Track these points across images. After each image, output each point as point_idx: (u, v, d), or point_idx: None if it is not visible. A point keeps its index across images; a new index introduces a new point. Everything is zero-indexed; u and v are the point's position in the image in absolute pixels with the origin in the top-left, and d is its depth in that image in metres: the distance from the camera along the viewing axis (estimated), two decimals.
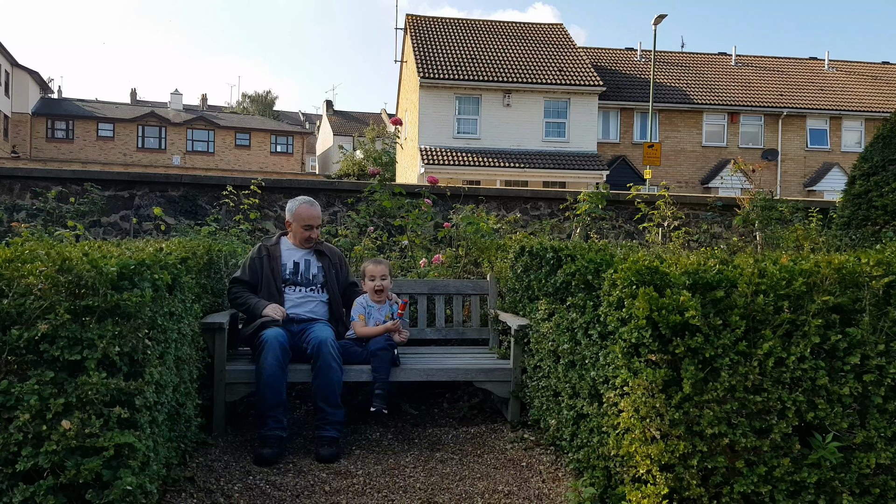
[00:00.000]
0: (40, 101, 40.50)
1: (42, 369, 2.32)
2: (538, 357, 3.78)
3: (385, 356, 3.95)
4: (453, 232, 6.25)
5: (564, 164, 23.93)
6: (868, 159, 5.99)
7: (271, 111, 59.74)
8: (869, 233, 5.57)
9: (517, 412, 4.13)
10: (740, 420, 2.42)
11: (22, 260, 2.42)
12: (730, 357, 2.42)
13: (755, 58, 31.20)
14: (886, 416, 2.49)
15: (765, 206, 7.12)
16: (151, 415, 2.62)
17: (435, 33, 26.60)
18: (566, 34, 27.90)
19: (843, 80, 30.12)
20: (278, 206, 8.40)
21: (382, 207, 6.47)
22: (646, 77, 27.14)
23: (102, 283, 2.40)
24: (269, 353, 3.73)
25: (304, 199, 4.32)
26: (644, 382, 2.46)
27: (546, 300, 3.67)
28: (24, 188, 8.19)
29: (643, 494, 2.47)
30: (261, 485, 3.24)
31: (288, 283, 4.19)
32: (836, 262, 2.55)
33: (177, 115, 43.46)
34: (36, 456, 2.27)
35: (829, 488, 2.45)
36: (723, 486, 2.42)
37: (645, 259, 2.64)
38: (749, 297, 2.46)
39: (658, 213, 7.22)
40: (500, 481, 3.33)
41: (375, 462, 3.61)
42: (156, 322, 2.68)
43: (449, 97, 24.18)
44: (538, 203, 9.19)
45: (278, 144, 44.15)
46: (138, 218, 8.24)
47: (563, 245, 3.68)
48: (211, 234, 6.11)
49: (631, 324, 2.54)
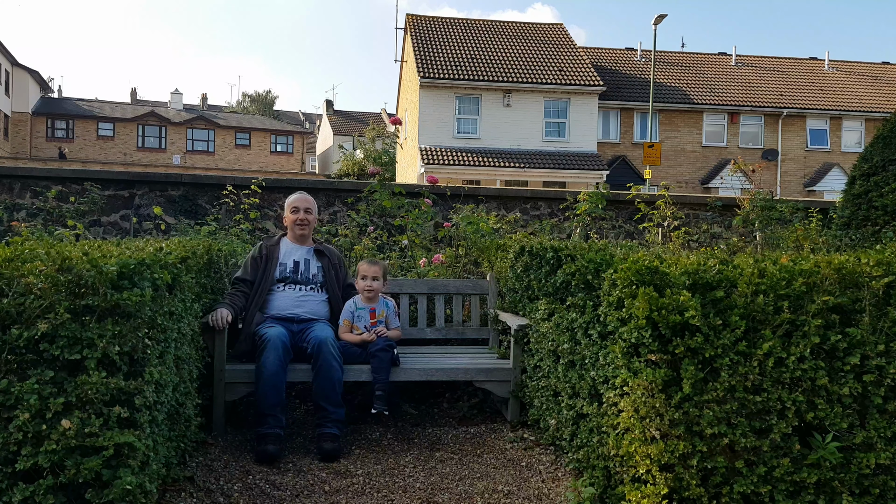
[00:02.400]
0: (40, 100, 40.51)
1: (42, 369, 2.32)
2: (538, 357, 3.78)
3: (385, 357, 3.95)
4: (453, 232, 6.25)
5: (564, 164, 23.94)
6: (868, 159, 5.99)
7: (271, 111, 59.72)
8: (869, 233, 5.57)
9: (517, 412, 4.13)
10: (740, 420, 2.42)
11: (22, 259, 2.41)
12: (730, 357, 2.42)
13: (755, 58, 31.20)
14: (886, 417, 2.49)
15: (765, 207, 7.12)
16: (151, 414, 2.62)
17: (435, 33, 26.60)
18: (566, 34, 27.90)
19: (844, 80, 30.12)
20: (278, 205, 8.40)
21: (382, 207, 6.47)
22: (646, 77, 27.14)
23: (102, 282, 2.40)
24: (270, 353, 3.73)
25: (297, 192, 4.44)
26: (644, 382, 2.46)
27: (546, 300, 3.67)
28: (24, 187, 8.18)
29: (643, 494, 2.47)
30: (260, 484, 3.24)
31: (288, 281, 4.19)
32: (836, 262, 2.55)
33: (177, 114, 43.47)
34: (35, 455, 2.27)
35: (829, 488, 2.45)
36: (722, 486, 2.42)
37: (645, 259, 2.64)
38: (749, 297, 2.46)
39: (658, 213, 7.22)
40: (499, 481, 3.33)
41: (375, 462, 3.61)
42: (156, 321, 2.68)
43: (449, 97, 24.18)
44: (538, 203, 9.18)
45: (278, 144, 44.17)
46: (138, 217, 8.24)
47: (563, 245, 3.68)
48: (211, 234, 6.10)
49: (631, 324, 2.54)
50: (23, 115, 38.18)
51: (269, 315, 4.10)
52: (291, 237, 4.35)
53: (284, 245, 4.32)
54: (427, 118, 24.10)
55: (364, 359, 3.98)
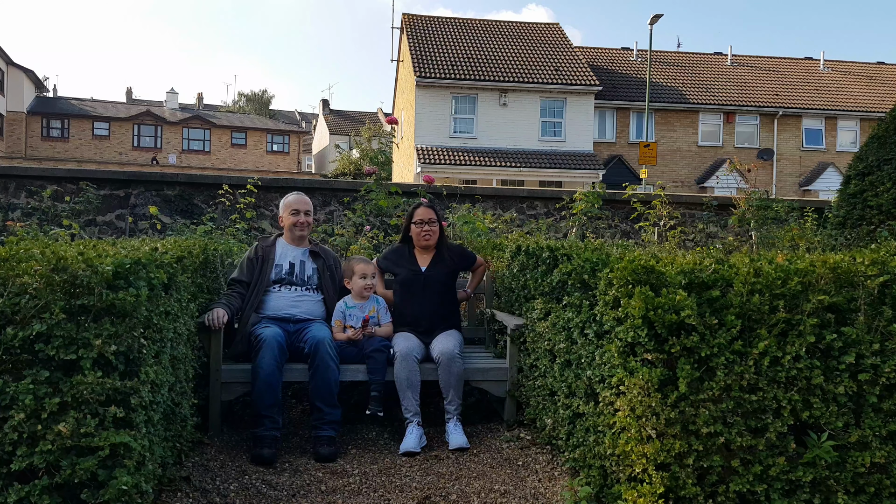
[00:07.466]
0: (35, 99, 40.36)
1: (37, 369, 2.31)
2: (534, 356, 3.78)
3: (380, 357, 3.95)
4: (449, 231, 6.24)
5: (561, 163, 23.95)
6: (863, 159, 6.01)
7: (267, 110, 59.62)
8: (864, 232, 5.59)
9: (513, 411, 4.13)
10: (736, 419, 2.43)
11: (17, 259, 2.41)
12: (725, 356, 2.43)
13: (751, 58, 31.27)
14: (881, 415, 2.50)
15: (760, 206, 7.14)
16: (147, 414, 2.61)
17: (432, 33, 26.59)
18: (562, 34, 27.92)
19: (839, 80, 30.20)
20: (274, 205, 8.38)
21: (379, 207, 6.47)
22: (642, 77, 27.17)
23: (98, 282, 2.39)
24: (266, 353, 3.73)
25: (294, 192, 4.42)
26: (640, 382, 2.47)
27: (542, 299, 3.68)
28: (19, 187, 8.16)
29: (639, 493, 2.47)
30: (257, 484, 3.24)
31: (284, 282, 4.19)
32: (832, 261, 2.56)
33: (172, 113, 43.37)
34: (31, 456, 2.26)
35: (825, 487, 2.46)
36: (718, 485, 2.43)
37: (641, 258, 2.64)
38: (745, 296, 2.47)
39: (654, 212, 7.23)
40: (496, 480, 3.33)
41: (371, 461, 3.61)
42: (151, 321, 2.68)
43: (445, 96, 24.17)
44: (534, 202, 9.19)
45: (274, 143, 44.10)
46: (134, 217, 8.22)
47: (560, 244, 3.68)
48: (207, 234, 6.09)
49: (627, 323, 2.55)
50: (18, 114, 38.04)
51: (265, 315, 4.09)
52: (288, 238, 4.34)
53: (280, 246, 4.31)
54: (423, 118, 24.09)
55: (360, 359, 3.98)
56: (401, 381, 3.89)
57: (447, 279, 4.40)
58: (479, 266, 4.67)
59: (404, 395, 3.88)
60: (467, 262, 4.58)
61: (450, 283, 4.43)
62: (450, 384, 3.92)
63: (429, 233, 4.37)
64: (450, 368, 3.92)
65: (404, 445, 3.74)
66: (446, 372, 3.93)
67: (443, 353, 3.95)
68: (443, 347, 3.99)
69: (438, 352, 3.98)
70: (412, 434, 3.80)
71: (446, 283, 4.39)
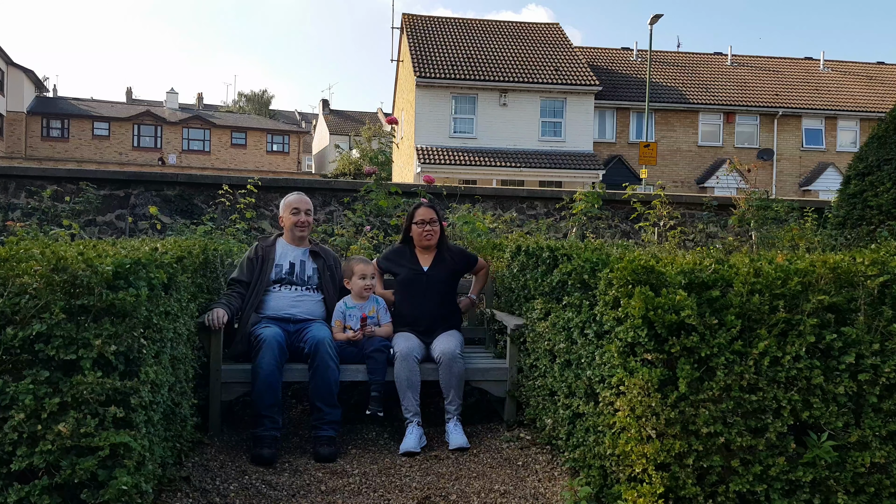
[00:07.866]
0: (35, 99, 40.37)
1: (37, 369, 2.31)
2: (534, 356, 3.79)
3: (380, 358, 3.95)
4: (449, 231, 6.24)
5: (561, 163, 23.95)
6: (863, 159, 6.01)
7: (267, 110, 59.63)
8: (864, 232, 5.59)
9: (513, 411, 4.13)
10: (736, 419, 2.43)
11: (17, 259, 2.41)
12: (725, 356, 2.43)
13: (751, 58, 31.27)
14: (881, 416, 2.50)
15: (760, 206, 7.13)
16: (147, 414, 2.62)
17: (431, 33, 26.59)
18: (562, 34, 27.91)
19: (839, 80, 30.20)
20: (274, 205, 8.39)
21: (379, 207, 6.46)
22: (642, 77, 27.17)
23: (98, 282, 2.39)
24: (266, 353, 3.73)
25: (294, 192, 4.43)
26: (640, 382, 2.47)
27: (542, 299, 3.68)
28: (19, 187, 8.16)
29: (639, 493, 2.47)
30: (256, 484, 3.24)
31: (284, 282, 4.19)
32: (832, 261, 2.56)
33: (172, 113, 43.38)
34: (31, 456, 2.26)
35: (825, 487, 2.46)
36: (718, 485, 2.43)
37: (641, 258, 2.64)
38: (745, 296, 2.47)
39: (654, 212, 7.23)
40: (496, 480, 3.33)
41: (371, 461, 3.61)
42: (151, 321, 2.68)
43: (445, 96, 24.17)
44: (534, 202, 9.19)
45: (274, 143, 44.11)
46: (134, 217, 8.22)
47: (560, 244, 3.68)
48: (207, 234, 6.09)
49: (627, 323, 2.55)
50: (18, 114, 38.04)
51: (265, 315, 4.09)
52: (289, 238, 4.34)
53: (280, 246, 4.31)
54: (423, 118, 24.09)
55: (360, 359, 3.98)
56: (401, 381, 3.90)
57: (448, 279, 4.40)
58: (482, 269, 4.67)
59: (404, 395, 3.89)
60: (468, 264, 4.58)
61: (451, 284, 4.44)
62: (451, 384, 3.92)
63: (430, 233, 4.37)
64: (451, 368, 3.93)
65: (404, 445, 3.74)
66: (447, 372, 3.93)
67: (444, 353, 3.95)
68: (444, 347, 3.99)
69: (440, 352, 3.98)
70: (412, 434, 3.80)
71: (447, 283, 4.40)
